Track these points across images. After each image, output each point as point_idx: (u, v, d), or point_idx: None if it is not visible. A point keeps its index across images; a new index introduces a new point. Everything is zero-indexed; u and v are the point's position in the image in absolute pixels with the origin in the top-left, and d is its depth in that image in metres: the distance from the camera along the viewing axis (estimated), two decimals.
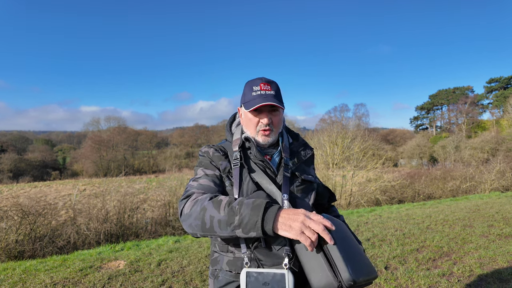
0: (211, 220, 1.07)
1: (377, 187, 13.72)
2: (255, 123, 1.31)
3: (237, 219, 1.03)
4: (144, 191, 10.26)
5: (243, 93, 1.36)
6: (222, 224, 1.06)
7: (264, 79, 1.32)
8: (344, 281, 0.98)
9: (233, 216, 1.05)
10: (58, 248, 6.60)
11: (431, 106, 59.60)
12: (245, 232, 1.03)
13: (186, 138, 55.94)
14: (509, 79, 51.03)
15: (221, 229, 1.06)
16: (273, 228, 1.01)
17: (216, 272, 1.31)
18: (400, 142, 48.66)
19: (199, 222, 1.10)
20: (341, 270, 0.99)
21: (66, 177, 41.69)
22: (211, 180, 1.27)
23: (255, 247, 1.18)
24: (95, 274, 3.87)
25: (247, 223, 1.02)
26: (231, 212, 1.05)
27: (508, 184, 14.36)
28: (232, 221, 1.04)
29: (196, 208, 1.12)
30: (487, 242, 4.89)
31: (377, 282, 3.50)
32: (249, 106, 1.28)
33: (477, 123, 48.95)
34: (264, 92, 1.29)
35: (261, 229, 1.00)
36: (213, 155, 1.35)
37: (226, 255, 1.28)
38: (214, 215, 1.08)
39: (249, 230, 1.02)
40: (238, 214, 1.04)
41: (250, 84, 1.33)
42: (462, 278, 3.58)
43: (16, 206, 6.77)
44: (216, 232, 1.08)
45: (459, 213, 7.15)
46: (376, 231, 5.73)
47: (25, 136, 62.66)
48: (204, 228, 1.09)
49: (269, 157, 1.35)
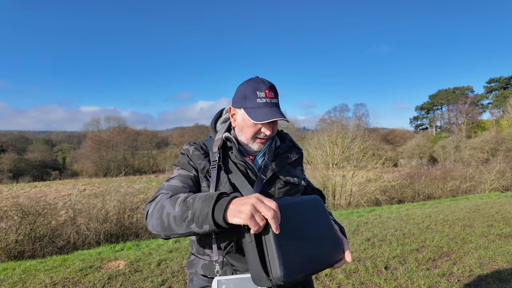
0: (168, 218, 1.02)
1: (377, 187, 13.73)
2: (255, 131, 1.24)
3: (190, 213, 0.97)
4: (144, 191, 10.26)
5: (244, 95, 1.24)
6: (177, 220, 1.00)
7: (268, 84, 1.24)
8: (273, 279, 0.89)
9: (186, 210, 0.99)
10: (58, 248, 6.60)
11: (431, 106, 59.62)
12: (199, 226, 0.96)
13: (186, 138, 55.87)
14: (509, 79, 51.05)
15: (177, 225, 1.00)
16: (224, 217, 0.92)
17: (191, 275, 1.28)
18: (400, 142, 48.67)
19: (158, 221, 1.05)
20: (273, 267, 0.89)
21: (66, 177, 41.69)
22: (182, 181, 1.22)
23: (227, 252, 1.14)
24: (95, 274, 3.87)
25: (199, 216, 0.95)
26: (184, 207, 1.00)
27: (508, 184, 14.37)
28: (186, 216, 0.98)
29: (157, 208, 1.08)
30: (487, 242, 4.89)
31: (377, 282, 3.51)
32: (257, 117, 1.18)
33: (477, 123, 48.97)
34: (270, 100, 1.22)
35: (213, 221, 0.93)
36: (192, 154, 1.30)
37: (202, 258, 1.24)
38: (170, 212, 1.02)
39: (202, 223, 0.95)
40: (191, 208, 0.98)
41: (253, 87, 1.23)
42: (462, 278, 3.58)
43: (16, 206, 6.77)
44: (174, 230, 1.02)
45: (459, 213, 7.15)
46: (376, 231, 5.73)
47: (25, 136, 62.65)
48: (163, 227, 1.04)
49: (252, 158, 1.31)
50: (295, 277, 0.91)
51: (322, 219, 1.12)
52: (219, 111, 1.46)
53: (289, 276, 0.89)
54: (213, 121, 1.43)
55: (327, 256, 1.05)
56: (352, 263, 4.10)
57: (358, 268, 3.91)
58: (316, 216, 1.10)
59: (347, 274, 3.74)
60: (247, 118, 1.22)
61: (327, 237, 1.10)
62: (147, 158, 52.20)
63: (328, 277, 3.68)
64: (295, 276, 0.90)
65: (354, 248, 4.70)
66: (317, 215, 1.11)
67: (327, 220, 1.14)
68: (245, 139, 1.28)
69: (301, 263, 0.94)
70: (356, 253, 4.49)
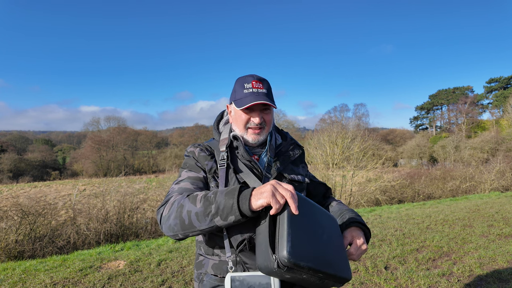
0: (189, 215, 1.05)
1: (377, 187, 13.72)
2: (245, 121, 1.29)
3: (214, 207, 1.01)
4: (144, 191, 10.25)
5: (233, 90, 1.32)
6: (200, 216, 1.03)
7: (256, 77, 1.29)
8: (279, 257, 0.90)
9: (209, 205, 1.02)
10: (58, 248, 6.60)
11: (431, 106, 59.61)
12: (223, 218, 1.00)
13: (186, 138, 55.86)
14: (509, 79, 51.04)
15: (200, 221, 1.03)
16: (249, 206, 0.97)
17: (201, 276, 1.29)
18: (400, 142, 48.68)
19: (178, 221, 1.07)
20: (280, 245, 0.91)
21: (66, 177, 41.70)
22: (192, 183, 1.24)
23: (240, 250, 1.16)
24: (95, 274, 3.87)
25: (223, 209, 0.99)
26: (206, 203, 1.03)
27: (508, 184, 14.37)
28: (210, 211, 1.02)
29: (174, 208, 1.10)
30: (487, 242, 4.89)
31: (377, 282, 3.51)
32: (241, 104, 1.25)
33: (477, 123, 48.95)
34: (256, 90, 1.26)
35: (238, 210, 0.98)
36: (198, 155, 1.32)
37: (212, 258, 1.26)
38: (191, 209, 1.05)
39: (227, 215, 0.99)
40: (214, 202, 1.02)
41: (241, 81, 1.29)
42: (462, 278, 3.58)
43: (16, 206, 6.77)
44: (196, 227, 1.04)
45: (459, 213, 7.15)
46: (376, 231, 5.73)
47: (25, 136, 62.69)
48: (183, 225, 1.06)
49: (257, 157, 1.33)
50: (300, 261, 0.90)
51: (336, 233, 1.15)
52: (220, 113, 1.48)
53: (294, 257, 0.89)
54: (215, 123, 1.45)
55: (334, 264, 1.04)
56: (352, 263, 4.10)
57: (358, 268, 3.91)
58: (331, 227, 1.14)
59: None
60: (236, 108, 1.28)
61: (338, 248, 1.11)
62: (147, 158, 52.22)
63: None
64: (300, 260, 0.90)
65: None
66: (332, 227, 1.14)
67: (341, 238, 1.16)
68: (239, 131, 1.31)
69: (308, 252, 0.95)
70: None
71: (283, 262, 0.89)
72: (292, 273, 0.91)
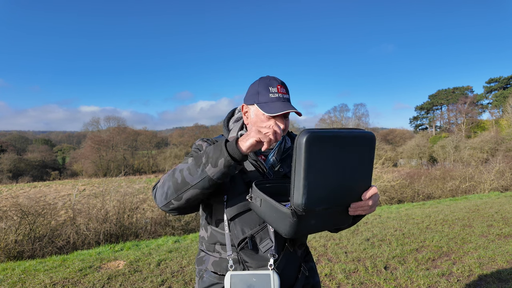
0: (181, 173, 1.09)
1: (377, 187, 13.72)
2: None
3: (204, 157, 1.06)
4: (143, 191, 10.24)
5: (256, 91, 1.27)
6: (191, 168, 1.07)
7: (279, 81, 1.29)
8: (294, 205, 0.94)
9: (199, 158, 1.08)
10: (57, 248, 6.59)
11: (431, 106, 59.64)
12: (213, 164, 1.04)
13: (186, 138, 55.86)
14: (508, 79, 51.07)
15: (192, 174, 1.07)
16: (237, 147, 1.02)
17: (201, 272, 1.30)
18: (400, 142, 48.69)
19: (171, 183, 1.10)
20: (296, 195, 0.93)
21: (65, 177, 41.71)
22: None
23: (241, 248, 1.17)
24: (94, 274, 3.87)
25: (213, 156, 1.04)
26: (197, 157, 1.09)
27: (507, 184, 14.37)
28: (200, 162, 1.06)
29: (166, 176, 1.14)
30: (486, 242, 4.90)
31: (376, 282, 3.51)
32: (269, 110, 1.21)
33: (476, 123, 48.99)
34: (282, 95, 1.25)
35: (226, 152, 1.02)
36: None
37: (213, 255, 1.27)
38: (183, 167, 1.10)
39: (216, 160, 1.03)
40: (204, 154, 1.07)
41: (265, 83, 1.27)
42: (462, 278, 3.58)
43: (15, 206, 6.76)
44: (188, 183, 1.07)
45: (459, 213, 7.16)
46: (375, 231, 5.74)
47: (25, 136, 62.68)
48: (176, 185, 1.09)
49: (264, 157, 1.33)
50: (314, 208, 0.95)
51: (365, 158, 1.03)
52: (232, 110, 1.47)
53: (309, 205, 0.93)
54: (225, 120, 1.44)
55: (352, 195, 1.03)
56: (352, 263, 4.10)
57: (358, 268, 3.91)
58: (359, 154, 1.01)
59: (347, 274, 3.74)
60: (261, 112, 1.25)
61: (361, 178, 1.04)
62: (146, 158, 52.23)
63: (328, 277, 3.69)
64: (314, 207, 0.95)
65: (354, 248, 4.71)
66: (361, 153, 1.01)
67: (370, 162, 1.04)
68: None
69: (323, 197, 0.97)
70: (356, 253, 4.49)
71: (297, 209, 0.94)
72: (307, 211, 0.95)
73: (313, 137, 0.89)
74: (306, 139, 0.88)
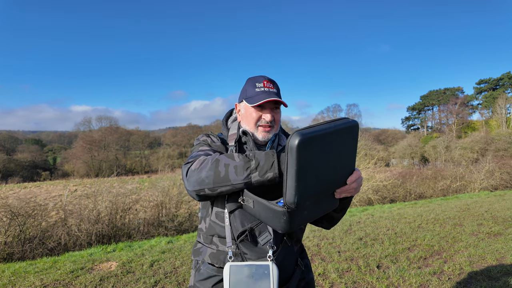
0: (226, 168, 1.09)
1: (369, 187, 13.83)
2: (256, 119, 1.32)
3: (253, 163, 1.08)
4: (136, 192, 10.15)
5: (243, 89, 1.36)
6: (239, 169, 1.08)
7: (267, 78, 1.35)
8: (286, 203, 0.97)
9: (249, 161, 1.09)
10: (48, 249, 6.50)
11: (422, 106, 60.39)
12: (261, 175, 1.06)
13: (179, 138, 55.60)
14: (497, 81, 51.98)
15: (237, 175, 1.08)
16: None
17: (198, 264, 1.31)
18: (392, 142, 49.18)
19: (212, 173, 1.10)
20: (288, 194, 0.96)
21: (56, 177, 41.11)
22: (213, 151, 1.27)
23: (241, 240, 1.19)
24: (86, 275, 3.83)
25: (263, 165, 1.07)
26: (246, 159, 1.10)
27: (496, 184, 14.62)
28: (249, 165, 1.08)
29: (207, 162, 1.13)
30: (476, 240, 4.98)
31: (369, 281, 3.54)
32: (253, 101, 1.29)
33: (467, 124, 49.80)
34: (268, 89, 1.31)
35: (278, 169, 1.05)
36: (211, 143, 1.36)
37: (210, 247, 1.28)
38: (229, 163, 1.10)
39: (266, 171, 1.06)
40: (254, 159, 1.09)
41: (252, 81, 1.34)
42: (453, 276, 3.63)
43: (5, 207, 6.64)
44: (230, 181, 1.08)
45: (450, 212, 7.26)
46: (368, 230, 5.78)
47: (14, 136, 61.62)
48: (217, 178, 1.09)
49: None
50: (306, 202, 1.00)
51: (350, 146, 1.08)
52: (230, 110, 1.53)
53: (299, 202, 0.97)
54: (224, 119, 1.50)
55: (339, 182, 1.09)
56: (345, 262, 4.13)
57: (351, 267, 3.94)
58: (345, 143, 1.06)
59: (340, 274, 3.77)
60: (248, 105, 1.31)
61: (347, 165, 1.09)
62: (139, 158, 51.81)
63: (321, 276, 3.70)
64: (306, 201, 1.00)
65: (347, 248, 4.74)
66: (346, 142, 1.06)
67: (354, 148, 1.10)
68: (249, 129, 1.34)
69: (314, 191, 1.01)
70: (349, 252, 4.52)
71: (289, 206, 0.98)
72: (298, 206, 0.99)
73: (303, 141, 0.91)
74: (298, 144, 0.90)
